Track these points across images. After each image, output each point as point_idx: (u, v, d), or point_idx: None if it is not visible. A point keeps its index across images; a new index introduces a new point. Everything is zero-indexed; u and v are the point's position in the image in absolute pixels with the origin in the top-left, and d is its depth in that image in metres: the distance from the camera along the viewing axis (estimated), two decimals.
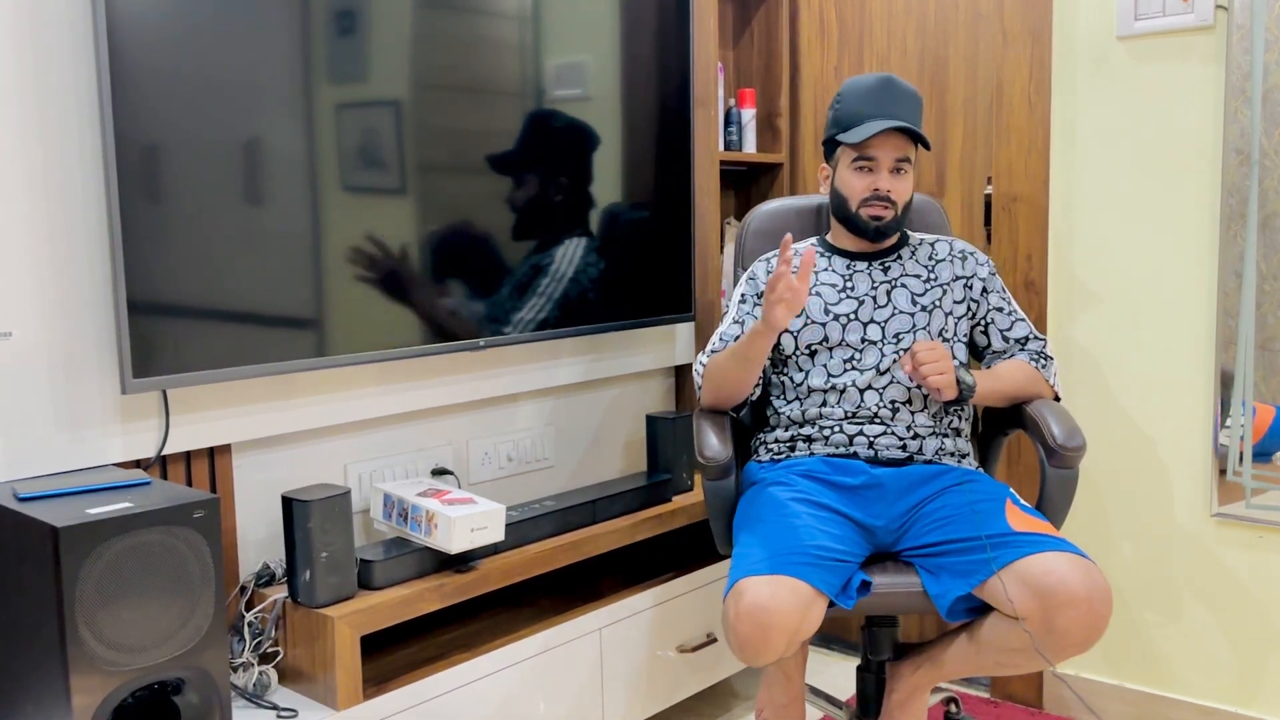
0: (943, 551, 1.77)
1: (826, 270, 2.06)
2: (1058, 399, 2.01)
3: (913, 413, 1.93)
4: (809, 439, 1.97)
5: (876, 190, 1.96)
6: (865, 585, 1.76)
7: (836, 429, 1.95)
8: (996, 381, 1.95)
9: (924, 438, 1.93)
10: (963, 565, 1.73)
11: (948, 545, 1.76)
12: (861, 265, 2.04)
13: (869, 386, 1.94)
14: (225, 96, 1.66)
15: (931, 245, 2.06)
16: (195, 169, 1.64)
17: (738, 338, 1.99)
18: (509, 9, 2.07)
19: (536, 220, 2.16)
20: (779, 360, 2.05)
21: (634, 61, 2.35)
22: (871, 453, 1.92)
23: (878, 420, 1.93)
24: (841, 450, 1.94)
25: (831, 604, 1.71)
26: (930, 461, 1.92)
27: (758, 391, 2.03)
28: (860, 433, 1.93)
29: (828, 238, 2.11)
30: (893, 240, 2.06)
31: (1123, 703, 2.36)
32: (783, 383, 2.04)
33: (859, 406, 1.94)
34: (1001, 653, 1.71)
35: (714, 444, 1.93)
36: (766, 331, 1.83)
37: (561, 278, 2.22)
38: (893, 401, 1.93)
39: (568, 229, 2.23)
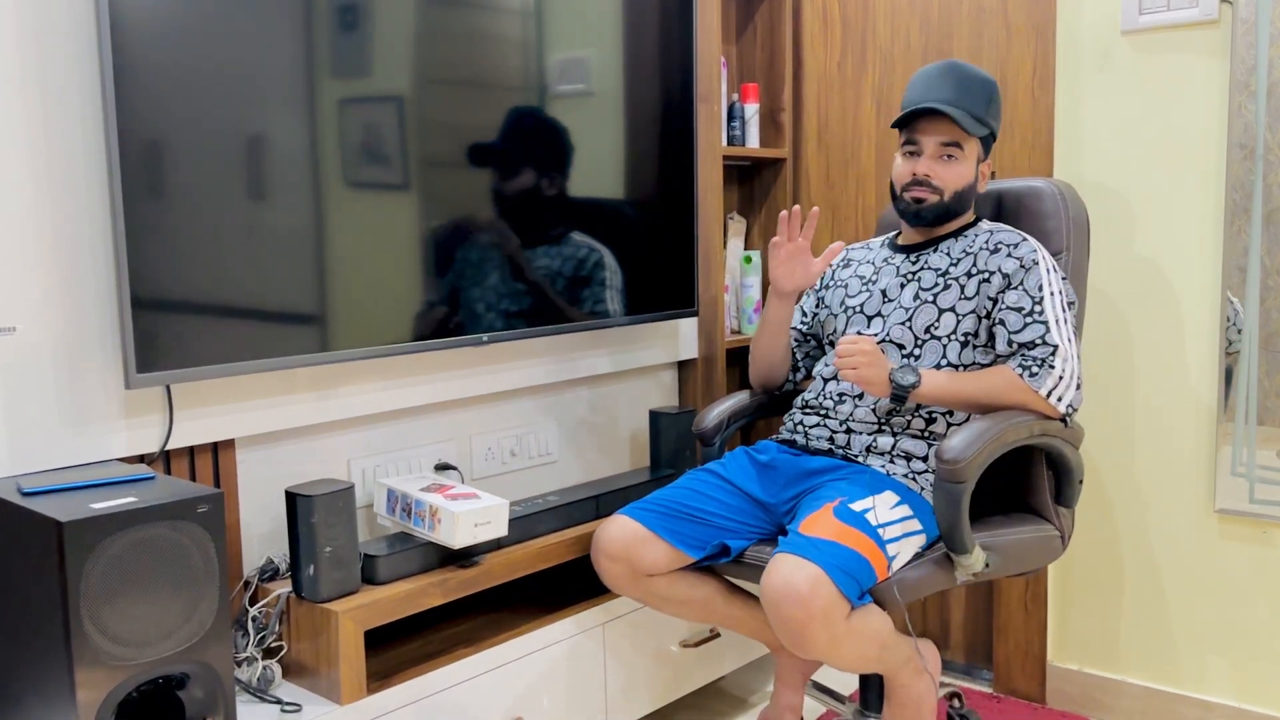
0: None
1: (868, 264, 2.08)
2: (1065, 418, 1.85)
3: (856, 406, 1.93)
4: (783, 423, 2.08)
5: (915, 174, 1.94)
6: (727, 550, 1.88)
7: (792, 416, 2.05)
8: (954, 385, 1.82)
9: (857, 433, 1.92)
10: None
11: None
12: (898, 259, 2.03)
13: (833, 377, 2.00)
14: (228, 92, 1.66)
15: (975, 236, 1.96)
16: (198, 164, 1.64)
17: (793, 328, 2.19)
18: (512, 4, 2.07)
19: (539, 215, 2.16)
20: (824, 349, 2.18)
21: (637, 57, 2.34)
22: (805, 441, 1.99)
23: (820, 411, 1.99)
24: (787, 435, 2.04)
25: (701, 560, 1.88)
26: (849, 457, 1.92)
27: (800, 375, 2.19)
28: (801, 421, 2.01)
29: (897, 237, 2.10)
30: (951, 229, 1.99)
31: (1126, 698, 2.36)
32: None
33: (816, 396, 2.02)
34: None
35: (708, 416, 2.18)
36: (774, 295, 2.05)
37: (564, 273, 2.22)
38: (840, 394, 1.96)
39: (570, 224, 2.22)
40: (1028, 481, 2.02)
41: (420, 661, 1.88)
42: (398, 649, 1.95)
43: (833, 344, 2.06)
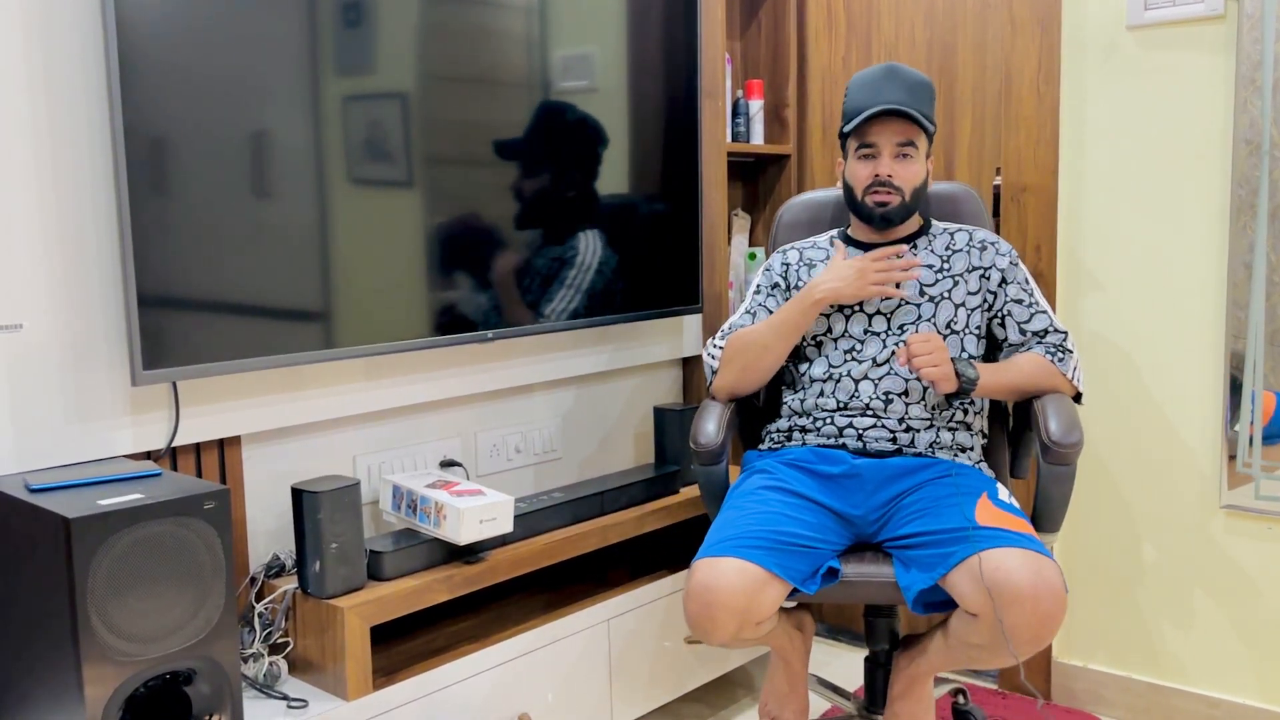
0: (915, 544, 1.76)
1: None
2: (1079, 395, 1.96)
3: (907, 405, 1.92)
4: (804, 429, 1.99)
5: (877, 176, 1.95)
6: (833, 573, 1.78)
7: (828, 420, 1.96)
8: (1003, 375, 1.91)
9: (917, 430, 1.91)
10: (929, 558, 1.72)
11: (920, 537, 1.75)
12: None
13: (865, 377, 1.95)
14: (233, 90, 1.66)
15: (951, 235, 2.03)
16: (204, 162, 1.64)
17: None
18: (516, 1, 2.07)
19: (543, 212, 2.16)
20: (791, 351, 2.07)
21: (641, 53, 2.34)
22: (860, 444, 1.92)
23: (869, 412, 1.93)
24: (831, 441, 1.95)
25: (797, 590, 1.75)
26: (920, 454, 1.90)
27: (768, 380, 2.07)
28: (850, 425, 1.94)
29: (848, 231, 2.11)
30: (909, 229, 2.04)
31: (1130, 694, 2.36)
32: (791, 373, 2.06)
33: (852, 397, 1.95)
34: (968, 647, 1.70)
35: (709, 431, 2.00)
36: (816, 305, 1.93)
37: (568, 270, 2.22)
38: (887, 393, 1.93)
39: (574, 221, 2.23)
40: (991, 457, 2.12)
41: (426, 657, 1.89)
42: (403, 645, 1.96)
43: (819, 344, 2.01)
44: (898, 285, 1.97)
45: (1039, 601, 1.58)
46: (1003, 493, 1.82)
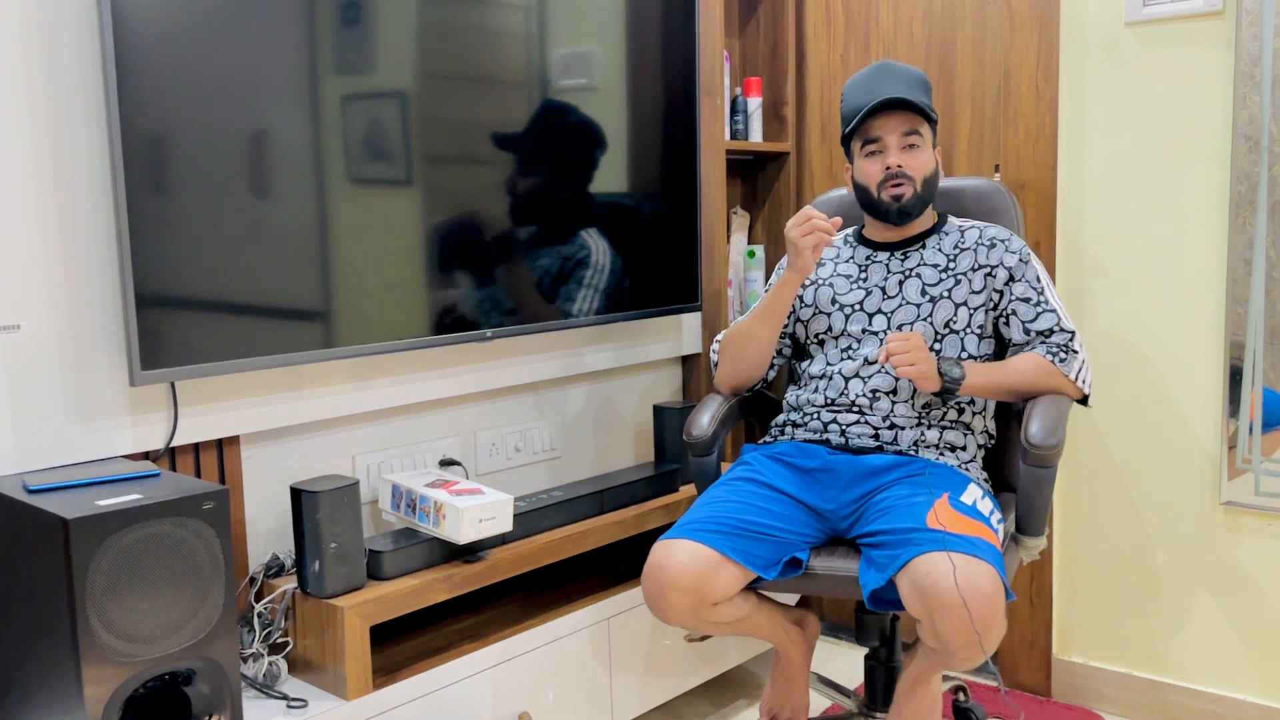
0: (876, 542, 1.75)
1: (848, 261, 2.07)
2: (1085, 398, 1.93)
3: (894, 403, 1.92)
4: (795, 424, 2.01)
5: (889, 169, 1.95)
6: (797, 563, 1.80)
7: (815, 416, 1.98)
8: (994, 375, 1.88)
9: (902, 428, 1.91)
10: (883, 558, 1.70)
11: (880, 535, 1.74)
12: (882, 256, 2.03)
13: (855, 375, 1.95)
14: (231, 88, 1.66)
15: (963, 233, 2.01)
16: (202, 161, 1.64)
17: None
18: None
19: (542, 211, 2.16)
20: (797, 348, 2.09)
21: (640, 51, 2.34)
22: (843, 440, 1.93)
23: (854, 409, 1.94)
24: (815, 436, 1.96)
25: (761, 578, 1.79)
26: (902, 452, 1.90)
27: (772, 373, 2.10)
28: (834, 420, 1.95)
29: (862, 230, 2.11)
30: (923, 225, 2.03)
31: (1130, 691, 2.36)
32: (795, 369, 2.08)
33: (840, 394, 1.96)
34: (927, 650, 1.69)
35: (701, 423, 2.05)
36: (792, 278, 1.90)
37: (567, 269, 2.22)
38: (874, 391, 1.93)
39: (573, 220, 2.22)
40: (1004, 458, 2.11)
41: (426, 657, 1.89)
42: (403, 644, 1.96)
43: (821, 343, 2.02)
44: (902, 288, 1.97)
45: (967, 609, 1.56)
46: (970, 494, 1.78)
